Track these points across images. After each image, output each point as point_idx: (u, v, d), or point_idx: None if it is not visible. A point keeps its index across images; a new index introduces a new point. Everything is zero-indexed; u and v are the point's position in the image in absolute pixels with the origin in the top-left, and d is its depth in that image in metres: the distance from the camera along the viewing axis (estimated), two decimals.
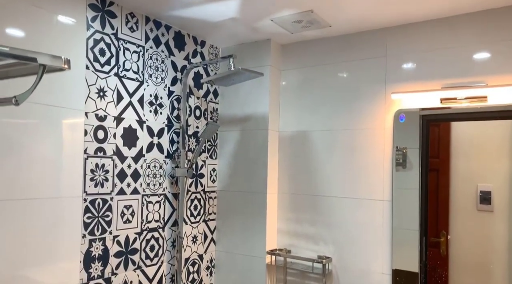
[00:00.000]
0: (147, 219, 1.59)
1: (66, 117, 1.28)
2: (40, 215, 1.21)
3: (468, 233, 1.45)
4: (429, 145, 1.54)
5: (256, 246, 1.84)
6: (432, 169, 1.55)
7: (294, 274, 1.83)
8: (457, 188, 1.48)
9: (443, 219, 1.50)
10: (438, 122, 1.52)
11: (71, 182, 1.30)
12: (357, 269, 1.66)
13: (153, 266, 1.62)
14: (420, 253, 1.53)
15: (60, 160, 1.27)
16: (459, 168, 1.48)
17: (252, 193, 1.87)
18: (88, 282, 1.37)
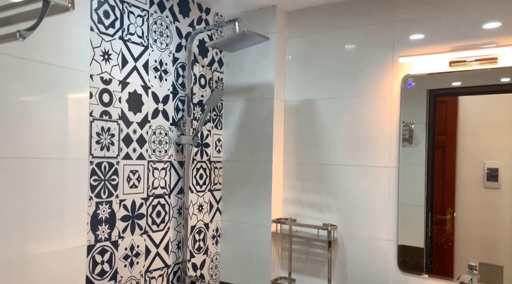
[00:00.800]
0: (153, 185, 1.60)
1: (71, 79, 1.27)
2: (46, 175, 1.21)
3: (474, 210, 1.44)
4: (436, 121, 1.52)
5: (262, 215, 1.84)
6: (438, 147, 1.53)
7: (299, 243, 1.84)
8: (463, 165, 1.47)
9: (449, 197, 1.50)
10: (446, 97, 1.50)
11: (77, 143, 1.30)
12: (363, 236, 1.66)
13: (160, 232, 1.63)
14: (425, 229, 1.52)
15: (66, 121, 1.26)
16: (466, 145, 1.46)
17: (257, 163, 1.87)
18: (95, 244, 1.38)
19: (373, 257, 1.63)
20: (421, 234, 1.53)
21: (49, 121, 1.22)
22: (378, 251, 1.62)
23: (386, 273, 1.60)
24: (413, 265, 1.54)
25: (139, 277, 1.54)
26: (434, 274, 1.50)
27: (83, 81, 1.31)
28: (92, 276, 1.37)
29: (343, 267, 1.71)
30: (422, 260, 1.52)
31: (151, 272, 1.59)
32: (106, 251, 1.42)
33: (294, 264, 1.84)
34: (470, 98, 1.46)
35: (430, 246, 1.51)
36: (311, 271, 1.79)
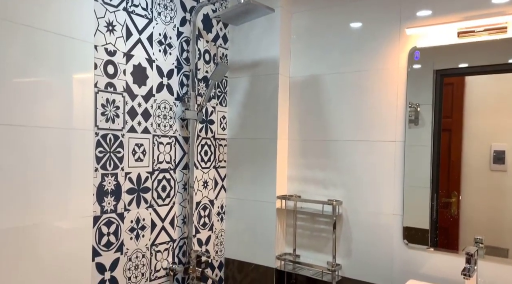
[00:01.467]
0: (158, 159, 1.60)
1: (76, 48, 1.27)
2: (52, 144, 1.22)
3: (480, 193, 1.43)
4: (442, 103, 1.50)
5: (267, 192, 1.85)
6: (444, 130, 1.52)
7: (304, 219, 1.84)
8: (469, 148, 1.46)
9: (454, 180, 1.48)
10: (453, 77, 1.48)
11: (82, 114, 1.30)
12: (368, 211, 1.66)
13: (165, 206, 1.64)
14: (431, 211, 1.52)
15: (71, 91, 1.26)
16: (473, 127, 1.45)
17: (262, 140, 1.86)
18: (101, 215, 1.39)
19: (378, 232, 1.63)
20: (426, 216, 1.52)
21: (54, 90, 1.21)
22: (383, 225, 1.62)
23: (391, 247, 1.60)
24: (419, 239, 1.54)
25: (145, 250, 1.56)
26: (439, 247, 1.50)
27: (87, 51, 1.30)
28: (98, 247, 1.38)
29: (348, 242, 1.71)
30: (427, 234, 1.52)
31: (157, 246, 1.61)
32: (112, 223, 1.43)
33: (299, 240, 1.85)
34: (477, 79, 1.44)
35: (435, 229, 1.51)
36: (316, 247, 1.80)
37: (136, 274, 1.52)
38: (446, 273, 1.48)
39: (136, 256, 1.52)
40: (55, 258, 1.23)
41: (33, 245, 1.17)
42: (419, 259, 1.54)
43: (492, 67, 1.40)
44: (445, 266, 1.48)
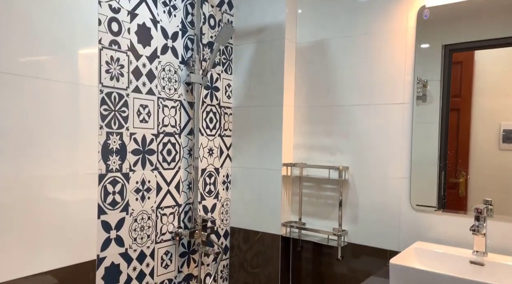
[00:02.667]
0: (163, 122, 1.59)
1: (80, 1, 1.25)
2: (57, 97, 1.21)
3: (488, 173, 1.41)
4: (451, 80, 1.47)
5: (272, 160, 1.83)
6: (453, 109, 1.49)
7: (309, 187, 1.83)
8: (478, 127, 1.43)
9: (463, 160, 1.46)
10: (462, 52, 1.45)
11: (87, 68, 1.29)
12: (375, 175, 1.64)
13: (171, 171, 1.63)
14: (438, 191, 1.49)
15: (74, 44, 1.25)
16: (482, 106, 1.42)
17: (268, 107, 1.84)
18: (106, 173, 1.39)
19: (385, 196, 1.62)
20: (433, 195, 1.50)
21: (59, 43, 1.20)
22: (390, 189, 1.60)
23: (398, 211, 1.58)
24: (426, 201, 1.52)
25: (151, 212, 1.56)
26: (447, 209, 1.48)
27: (91, 5, 1.29)
28: (104, 205, 1.38)
29: (354, 208, 1.70)
30: (435, 196, 1.50)
31: (162, 209, 1.60)
32: (117, 182, 1.43)
33: (305, 208, 1.84)
34: (487, 57, 1.40)
35: (444, 190, 1.49)
36: (322, 214, 1.79)
37: (142, 235, 1.52)
38: (454, 234, 1.46)
39: (141, 218, 1.52)
40: (61, 214, 1.23)
41: (38, 196, 1.17)
42: (427, 221, 1.52)
43: (503, 41, 1.36)
44: (453, 228, 1.47)
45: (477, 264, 1.28)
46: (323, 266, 1.77)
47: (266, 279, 1.84)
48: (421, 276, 1.15)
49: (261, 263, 1.86)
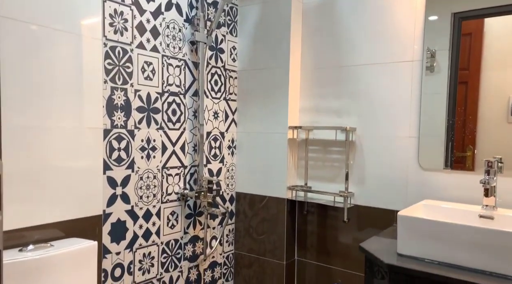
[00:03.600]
0: (168, 81, 1.57)
1: None
2: (60, 48, 1.19)
3: (496, 146, 1.38)
4: (460, 55, 1.44)
5: (278, 123, 1.81)
6: (461, 82, 1.46)
7: (316, 151, 1.81)
8: (486, 100, 1.40)
9: (470, 134, 1.43)
10: (471, 19, 1.41)
11: (89, 20, 1.26)
12: (382, 136, 1.62)
13: (176, 131, 1.62)
14: (446, 150, 1.47)
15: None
16: (490, 79, 1.39)
17: (273, 70, 1.81)
18: (111, 129, 1.37)
19: (392, 157, 1.60)
20: (442, 136, 1.48)
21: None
22: (398, 149, 1.58)
23: (405, 171, 1.57)
24: (435, 160, 1.50)
25: (156, 172, 1.55)
26: (455, 167, 1.46)
27: None
28: (109, 160, 1.37)
29: (361, 170, 1.68)
30: (443, 155, 1.48)
31: (168, 169, 1.60)
32: (122, 138, 1.41)
33: (311, 172, 1.83)
34: (497, 28, 1.36)
35: (452, 148, 1.46)
36: (328, 177, 1.77)
37: (148, 194, 1.52)
38: (463, 193, 1.45)
39: (147, 176, 1.51)
40: (67, 166, 1.22)
41: (42, 145, 1.16)
42: (435, 181, 1.50)
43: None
44: (461, 186, 1.45)
45: (486, 217, 1.27)
46: (329, 229, 1.77)
47: (272, 245, 1.84)
48: (430, 227, 1.13)
49: (267, 230, 1.86)
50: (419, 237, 1.15)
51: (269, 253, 1.85)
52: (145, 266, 1.52)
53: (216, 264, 1.86)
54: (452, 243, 1.10)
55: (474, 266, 1.07)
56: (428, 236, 1.14)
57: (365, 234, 1.67)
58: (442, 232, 1.11)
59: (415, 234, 1.16)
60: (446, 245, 1.11)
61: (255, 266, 1.89)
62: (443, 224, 1.11)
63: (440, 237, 1.12)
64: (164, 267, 1.60)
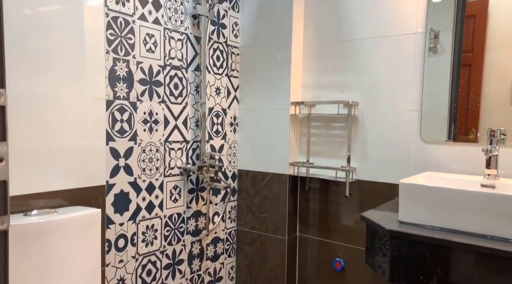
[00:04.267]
0: (170, 55, 1.57)
1: None
2: (62, 17, 1.19)
3: (498, 125, 1.37)
4: (463, 36, 1.42)
5: (280, 99, 1.81)
6: (464, 65, 1.44)
7: (318, 127, 1.81)
8: (490, 83, 1.39)
9: (473, 117, 1.42)
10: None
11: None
12: (385, 110, 1.62)
13: (178, 105, 1.62)
14: (449, 122, 1.47)
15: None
16: (494, 61, 1.38)
17: (275, 46, 1.80)
18: (114, 100, 1.38)
19: (394, 130, 1.60)
20: (445, 107, 1.48)
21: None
22: (400, 123, 1.58)
23: (408, 145, 1.57)
24: (437, 132, 1.50)
25: (159, 145, 1.55)
26: (458, 140, 1.46)
27: None
28: (112, 132, 1.38)
29: (363, 145, 1.68)
30: (446, 127, 1.48)
31: (171, 143, 1.60)
32: (125, 110, 1.42)
33: (313, 148, 1.83)
34: (501, 10, 1.35)
35: (455, 120, 1.46)
36: (330, 153, 1.78)
37: (151, 167, 1.52)
38: (465, 165, 1.45)
39: (150, 149, 1.52)
40: (70, 135, 1.23)
41: (49, 115, 1.17)
42: (437, 153, 1.50)
43: None
44: (464, 159, 1.45)
45: (488, 187, 1.27)
46: (331, 204, 1.77)
47: (274, 221, 1.85)
48: (431, 194, 1.14)
49: (269, 207, 1.87)
50: (420, 204, 1.16)
51: (271, 230, 1.86)
52: (148, 238, 1.53)
53: (218, 240, 1.88)
54: (453, 209, 1.10)
55: (475, 231, 1.07)
56: (430, 203, 1.14)
57: (366, 209, 1.67)
58: (443, 199, 1.12)
59: (417, 202, 1.17)
60: (448, 211, 1.11)
61: (257, 243, 1.91)
62: (445, 190, 1.12)
63: (441, 203, 1.12)
64: (167, 240, 1.61)
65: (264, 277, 1.88)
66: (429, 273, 1.07)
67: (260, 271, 1.90)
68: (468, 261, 1.02)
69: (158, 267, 1.58)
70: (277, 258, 1.84)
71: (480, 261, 1.00)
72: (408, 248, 1.11)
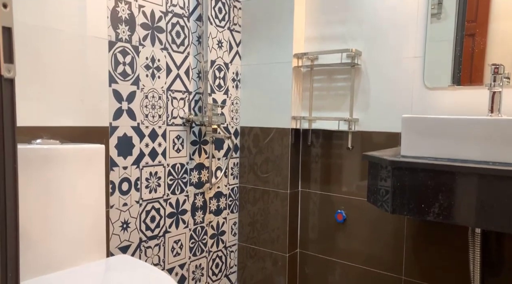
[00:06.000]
0: (172, 1, 1.56)
1: None
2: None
3: None
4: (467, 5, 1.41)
5: (283, 53, 1.80)
6: (468, 35, 1.42)
7: (320, 80, 1.81)
8: (494, 53, 1.37)
9: (479, 58, 1.41)
10: None
11: None
12: (388, 58, 1.61)
13: (180, 54, 1.61)
14: (453, 65, 1.45)
15: None
16: (498, 30, 1.36)
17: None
18: (116, 41, 1.37)
19: (398, 78, 1.59)
20: (449, 53, 1.47)
21: None
22: (403, 70, 1.57)
23: (411, 92, 1.56)
24: (441, 77, 1.49)
25: (161, 92, 1.55)
26: (462, 83, 1.45)
27: None
28: (114, 73, 1.38)
29: (366, 95, 1.68)
30: (450, 71, 1.47)
31: (173, 92, 1.60)
32: (127, 53, 1.41)
33: (315, 102, 1.83)
34: None
35: (459, 64, 1.45)
36: (332, 106, 1.77)
37: (153, 114, 1.53)
38: (468, 109, 1.44)
39: (152, 96, 1.52)
40: (72, 70, 1.23)
41: (51, 50, 1.16)
42: (440, 99, 1.50)
43: None
44: (467, 102, 1.44)
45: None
46: (333, 158, 1.78)
47: (275, 179, 1.86)
48: (434, 125, 1.14)
49: (271, 164, 1.87)
50: (423, 137, 1.16)
51: (274, 185, 1.87)
52: (152, 185, 1.55)
53: (221, 195, 1.89)
54: (457, 139, 1.10)
55: (477, 159, 1.08)
56: (433, 135, 1.14)
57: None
58: (447, 129, 1.12)
59: (420, 135, 1.17)
60: (451, 142, 1.11)
61: (260, 203, 1.92)
62: (449, 119, 1.12)
63: (444, 134, 1.12)
64: (171, 189, 1.63)
65: (266, 236, 1.90)
66: (431, 201, 1.08)
67: (262, 228, 1.92)
68: (470, 185, 1.02)
69: (162, 214, 1.60)
70: (279, 213, 1.86)
71: (483, 184, 1.00)
72: (410, 177, 1.11)
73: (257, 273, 1.95)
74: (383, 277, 1.66)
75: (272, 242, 1.89)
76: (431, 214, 1.07)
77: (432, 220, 1.10)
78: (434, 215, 1.07)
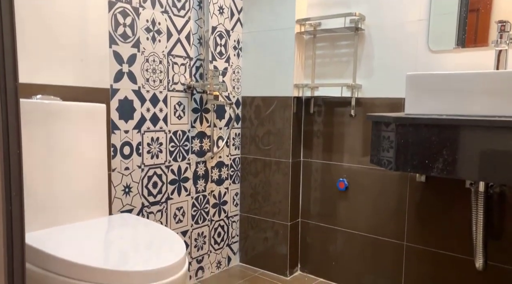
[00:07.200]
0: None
1: None
2: None
3: None
4: None
5: (285, 19, 1.77)
6: (472, 10, 1.38)
7: (323, 47, 1.78)
8: (500, 10, 1.33)
9: (484, 19, 1.38)
10: None
11: None
12: (392, 22, 1.58)
13: (181, 18, 1.59)
14: (458, 27, 1.43)
15: None
16: (502, 5, 1.32)
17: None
18: (116, 1, 1.35)
19: (402, 42, 1.57)
20: (453, 34, 1.44)
21: None
22: (407, 34, 1.55)
23: (415, 56, 1.54)
24: (445, 40, 1.47)
25: (162, 57, 1.53)
26: (467, 45, 1.43)
27: None
28: (115, 34, 1.36)
29: (369, 60, 1.65)
30: (454, 33, 1.45)
31: (174, 57, 1.58)
32: (127, 14, 1.39)
33: (318, 70, 1.81)
34: None
35: (464, 25, 1.43)
36: (335, 73, 1.75)
37: (154, 78, 1.51)
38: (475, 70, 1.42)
39: (153, 60, 1.50)
40: (73, 28, 1.21)
41: (51, 12, 1.14)
42: (445, 62, 1.48)
43: None
44: (473, 63, 1.42)
45: None
46: (336, 126, 1.77)
47: (278, 149, 1.85)
48: (438, 81, 1.12)
49: (274, 133, 1.86)
50: (427, 94, 1.15)
51: (276, 156, 1.86)
52: (153, 151, 1.54)
53: (223, 164, 1.89)
54: (461, 95, 1.09)
55: (482, 113, 1.06)
56: (437, 92, 1.13)
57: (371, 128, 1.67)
58: (451, 85, 1.10)
59: (424, 92, 1.15)
60: (455, 98, 1.10)
61: (261, 175, 1.91)
62: (453, 75, 1.10)
63: (449, 91, 1.11)
64: (173, 155, 1.62)
65: (268, 206, 1.90)
66: (435, 157, 1.07)
67: (263, 200, 1.92)
68: (475, 138, 1.01)
69: (164, 181, 1.60)
70: (281, 183, 1.85)
71: (487, 137, 0.99)
72: (414, 133, 1.10)
73: (258, 243, 1.96)
74: (385, 243, 1.66)
75: (274, 212, 1.89)
76: (434, 170, 1.07)
77: (436, 176, 1.09)
78: (438, 171, 1.07)
